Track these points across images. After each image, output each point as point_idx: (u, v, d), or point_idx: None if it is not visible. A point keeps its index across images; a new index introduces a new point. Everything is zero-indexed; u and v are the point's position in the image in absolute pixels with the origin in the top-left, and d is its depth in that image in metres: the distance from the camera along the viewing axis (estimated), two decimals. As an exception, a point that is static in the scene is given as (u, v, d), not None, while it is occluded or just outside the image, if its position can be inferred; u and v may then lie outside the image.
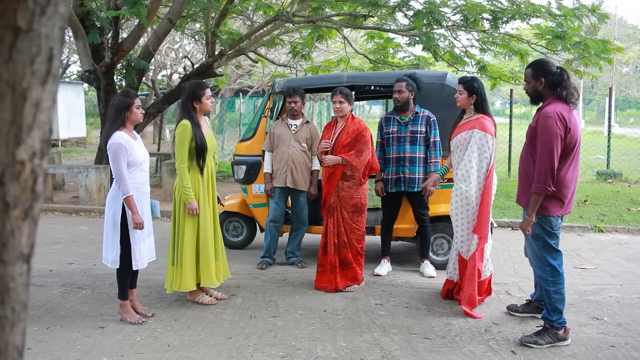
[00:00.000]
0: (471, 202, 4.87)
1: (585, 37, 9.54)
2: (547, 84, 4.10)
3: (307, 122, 6.27)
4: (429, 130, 5.76)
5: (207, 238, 4.92)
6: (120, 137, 4.39)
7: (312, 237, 7.14)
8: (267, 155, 6.25)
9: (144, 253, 4.60)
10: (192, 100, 4.92)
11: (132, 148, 4.44)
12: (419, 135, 5.75)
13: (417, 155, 5.77)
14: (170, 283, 4.90)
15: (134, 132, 4.64)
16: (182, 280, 4.82)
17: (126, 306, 4.63)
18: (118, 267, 4.52)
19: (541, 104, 4.21)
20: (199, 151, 4.84)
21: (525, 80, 4.26)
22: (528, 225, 4.13)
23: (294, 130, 6.13)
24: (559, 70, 4.11)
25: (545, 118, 4.00)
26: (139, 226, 4.44)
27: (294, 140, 6.09)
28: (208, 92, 4.98)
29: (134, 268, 4.54)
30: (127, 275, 4.61)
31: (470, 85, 4.96)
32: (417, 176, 5.76)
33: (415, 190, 5.77)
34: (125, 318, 4.59)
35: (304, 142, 6.12)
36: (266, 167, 6.25)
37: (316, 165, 6.21)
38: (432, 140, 5.75)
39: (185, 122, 4.85)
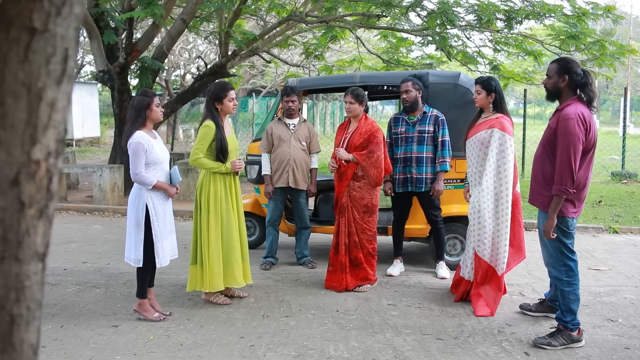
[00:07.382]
0: (488, 201, 4.85)
1: (602, 37, 9.45)
2: (569, 83, 4.06)
3: (304, 120, 6.26)
4: (437, 130, 5.71)
5: (232, 238, 4.94)
6: (139, 136, 4.44)
7: (325, 237, 7.13)
8: (265, 156, 6.16)
9: (166, 250, 4.63)
10: (214, 101, 4.94)
11: (152, 147, 4.48)
12: (426, 135, 5.71)
13: (425, 156, 5.72)
14: (193, 282, 4.93)
15: (153, 131, 4.68)
16: (211, 280, 4.84)
17: (145, 305, 4.66)
18: (141, 265, 4.55)
19: (557, 101, 4.17)
20: (219, 152, 4.87)
21: (547, 74, 4.20)
22: (551, 228, 4.06)
23: (292, 129, 6.10)
24: (583, 72, 4.07)
25: (567, 120, 3.95)
26: (174, 195, 4.66)
27: (294, 140, 6.06)
28: (231, 94, 4.97)
29: (158, 265, 4.58)
30: (147, 274, 4.64)
31: (488, 84, 4.97)
32: (424, 176, 5.72)
33: (423, 190, 5.76)
34: (145, 316, 4.61)
35: (303, 140, 6.11)
36: (265, 169, 6.14)
37: (314, 164, 6.21)
38: (440, 139, 5.70)
39: (209, 123, 4.88)
